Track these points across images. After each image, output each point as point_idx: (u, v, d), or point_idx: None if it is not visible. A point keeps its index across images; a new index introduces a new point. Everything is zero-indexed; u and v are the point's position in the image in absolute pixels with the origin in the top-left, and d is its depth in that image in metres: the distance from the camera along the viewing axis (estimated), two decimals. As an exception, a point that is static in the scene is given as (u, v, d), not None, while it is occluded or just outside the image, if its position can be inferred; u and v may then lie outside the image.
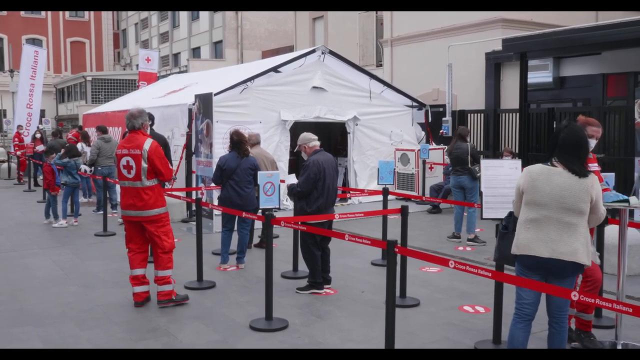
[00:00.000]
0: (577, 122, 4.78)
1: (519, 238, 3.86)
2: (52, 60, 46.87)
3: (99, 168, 11.18)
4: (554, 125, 12.20)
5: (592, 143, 4.75)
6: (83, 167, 11.05)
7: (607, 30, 10.76)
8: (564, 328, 3.93)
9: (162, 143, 9.26)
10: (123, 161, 5.74)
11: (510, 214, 4.15)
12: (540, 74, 14.20)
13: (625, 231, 4.60)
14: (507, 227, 4.11)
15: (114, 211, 11.64)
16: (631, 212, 8.38)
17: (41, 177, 16.14)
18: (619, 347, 4.59)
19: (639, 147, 9.22)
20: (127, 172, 5.73)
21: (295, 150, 6.84)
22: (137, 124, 5.78)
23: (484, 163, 5.05)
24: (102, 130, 11.77)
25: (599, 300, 3.27)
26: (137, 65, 20.62)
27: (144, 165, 5.67)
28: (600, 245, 5.45)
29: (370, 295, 6.25)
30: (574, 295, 3.33)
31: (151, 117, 9.49)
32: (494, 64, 14.98)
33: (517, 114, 12.94)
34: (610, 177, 5.14)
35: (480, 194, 4.98)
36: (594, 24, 11.93)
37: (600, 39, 10.95)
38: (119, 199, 11.95)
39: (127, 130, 5.94)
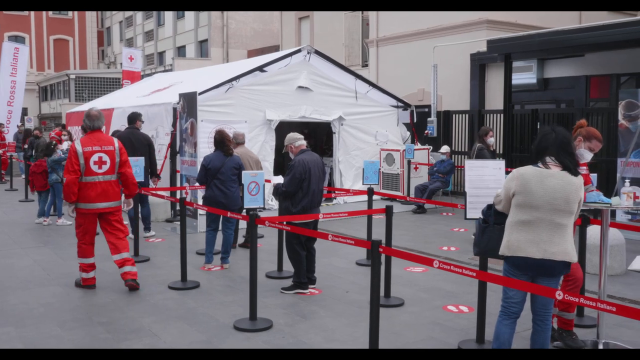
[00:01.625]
0: (581, 126, 4.82)
1: (510, 239, 3.87)
2: (35, 58, 46.34)
3: None
4: (538, 127, 12.31)
5: (589, 156, 4.78)
6: None
7: (590, 32, 10.87)
8: (548, 326, 3.98)
9: (146, 143, 9.22)
10: (94, 157, 6.23)
11: (488, 207, 4.17)
12: (525, 75, 14.31)
13: (606, 231, 4.65)
14: (486, 221, 4.13)
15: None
16: (613, 213, 8.50)
17: (23, 177, 15.96)
18: (601, 346, 4.63)
19: (622, 148, 9.33)
20: (98, 168, 6.26)
21: (283, 152, 6.82)
22: (100, 124, 6.43)
23: (468, 164, 5.07)
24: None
25: (582, 299, 3.30)
26: (121, 64, 20.45)
27: (117, 159, 6.34)
28: (582, 245, 5.50)
29: (355, 295, 6.26)
30: (559, 295, 3.36)
31: (137, 117, 9.43)
32: (479, 65, 15.07)
33: (502, 115, 13.02)
34: (593, 178, 5.19)
35: (464, 194, 5.00)
36: (577, 26, 12.04)
37: (583, 41, 11.06)
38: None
39: (89, 129, 6.38)
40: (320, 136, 14.68)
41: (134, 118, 9.36)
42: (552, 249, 3.76)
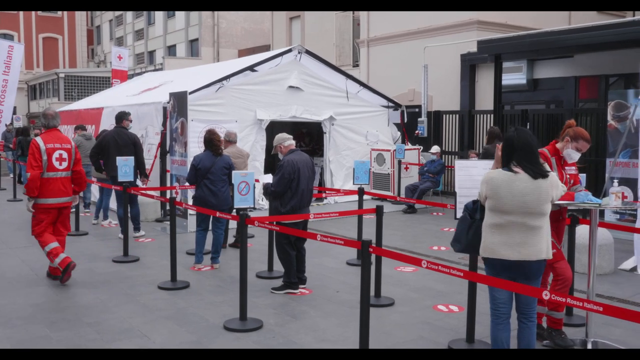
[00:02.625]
0: (569, 127, 4.85)
1: (485, 242, 3.94)
2: (24, 57, 45.88)
3: None
4: (527, 126, 12.38)
5: (576, 156, 4.81)
6: None
7: (579, 33, 10.94)
8: (533, 323, 4.03)
9: (131, 142, 9.14)
10: (56, 154, 6.50)
11: (474, 202, 4.18)
12: (514, 76, 14.38)
13: (595, 231, 4.68)
14: (472, 216, 4.14)
15: (87, 210, 11.49)
16: (601, 213, 8.54)
17: (12, 176, 15.85)
18: (589, 345, 4.66)
19: (611, 148, 9.39)
20: (59, 164, 6.54)
21: (272, 153, 6.81)
22: (56, 123, 6.68)
23: (458, 164, 5.08)
24: (81, 128, 11.65)
25: (569, 299, 3.32)
26: (111, 63, 20.35)
27: (74, 156, 6.67)
28: (571, 245, 5.54)
29: (345, 295, 6.26)
30: (545, 295, 3.38)
31: (125, 116, 9.35)
32: (469, 66, 15.12)
33: (492, 115, 13.09)
34: (582, 178, 5.22)
35: (454, 194, 5.01)
36: (566, 27, 12.11)
37: (572, 42, 11.13)
38: (92, 198, 11.83)
39: (45, 127, 6.61)
40: (314, 136, 14.68)
41: (120, 117, 9.30)
42: (527, 250, 3.81)
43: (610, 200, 4.57)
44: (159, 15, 40.07)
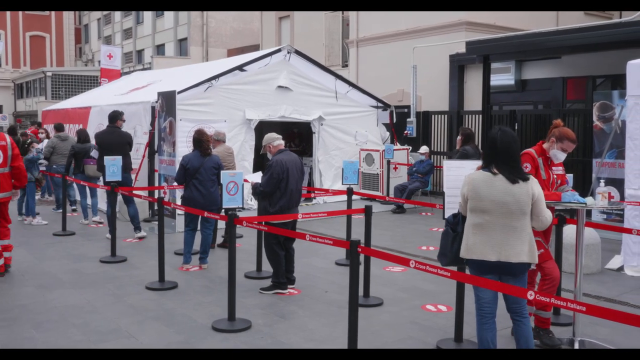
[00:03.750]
0: (556, 127, 4.87)
1: (467, 242, 3.96)
2: (11, 55, 45.64)
3: (54, 166, 10.93)
4: (516, 127, 12.45)
5: (562, 156, 4.84)
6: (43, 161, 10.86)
7: (566, 34, 11.02)
8: (527, 318, 4.05)
9: (125, 142, 9.10)
10: None
11: (454, 216, 4.21)
12: (503, 77, 14.45)
13: (582, 231, 4.72)
14: (454, 229, 4.16)
15: (73, 207, 11.41)
16: (588, 213, 8.60)
17: None
18: (576, 344, 4.70)
19: (597, 149, 9.46)
20: None
21: (261, 153, 6.80)
22: None
23: (446, 164, 5.09)
24: (57, 128, 11.56)
25: (554, 299, 3.34)
26: (99, 62, 20.20)
27: (10, 153, 6.85)
28: (558, 245, 5.58)
29: (334, 295, 6.25)
30: (530, 295, 3.40)
31: (118, 115, 9.28)
32: (458, 66, 15.17)
33: (480, 116, 13.14)
34: (569, 178, 5.26)
35: (443, 194, 5.02)
36: (554, 28, 12.20)
37: (560, 43, 11.20)
38: (78, 197, 11.76)
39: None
40: (304, 136, 14.67)
41: (114, 117, 9.22)
42: (508, 251, 3.83)
43: (597, 200, 4.60)
44: (147, 14, 39.88)
